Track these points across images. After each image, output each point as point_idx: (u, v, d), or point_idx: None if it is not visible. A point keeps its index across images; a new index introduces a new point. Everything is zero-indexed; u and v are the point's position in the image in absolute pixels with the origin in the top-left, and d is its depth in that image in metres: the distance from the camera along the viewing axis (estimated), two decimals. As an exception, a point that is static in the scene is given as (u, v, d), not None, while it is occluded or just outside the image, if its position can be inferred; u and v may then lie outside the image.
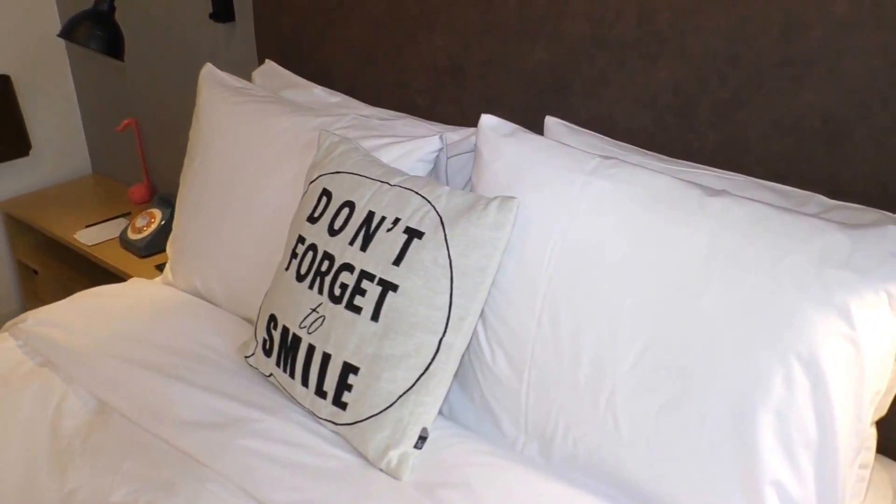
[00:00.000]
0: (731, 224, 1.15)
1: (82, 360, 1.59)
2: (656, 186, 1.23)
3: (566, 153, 1.33)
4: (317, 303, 1.39)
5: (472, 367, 1.39)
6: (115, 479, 1.32)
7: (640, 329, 1.19)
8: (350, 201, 1.41)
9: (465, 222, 1.29)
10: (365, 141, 1.57)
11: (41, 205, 2.76)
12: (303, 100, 1.85)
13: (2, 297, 2.94)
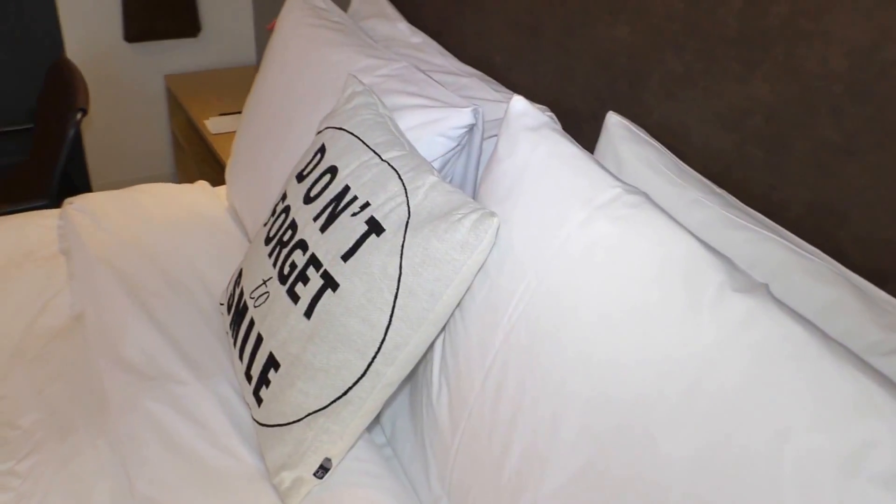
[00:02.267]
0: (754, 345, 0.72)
1: (87, 259, 1.45)
2: (675, 252, 0.81)
3: (583, 171, 0.92)
4: (268, 275, 1.12)
5: (420, 396, 1.08)
6: (37, 400, 1.17)
7: (585, 443, 0.81)
8: (334, 167, 1.11)
9: (430, 232, 0.94)
10: (394, 97, 1.24)
11: (197, 85, 2.67)
12: (384, 32, 1.54)
13: (159, 164, 2.94)
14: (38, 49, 2.58)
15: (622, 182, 0.90)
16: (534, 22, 1.28)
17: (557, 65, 1.26)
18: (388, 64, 1.33)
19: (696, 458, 0.72)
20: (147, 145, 2.90)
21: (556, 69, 1.26)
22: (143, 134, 2.87)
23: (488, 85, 1.35)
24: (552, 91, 1.28)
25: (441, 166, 1.22)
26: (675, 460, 0.73)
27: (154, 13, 2.59)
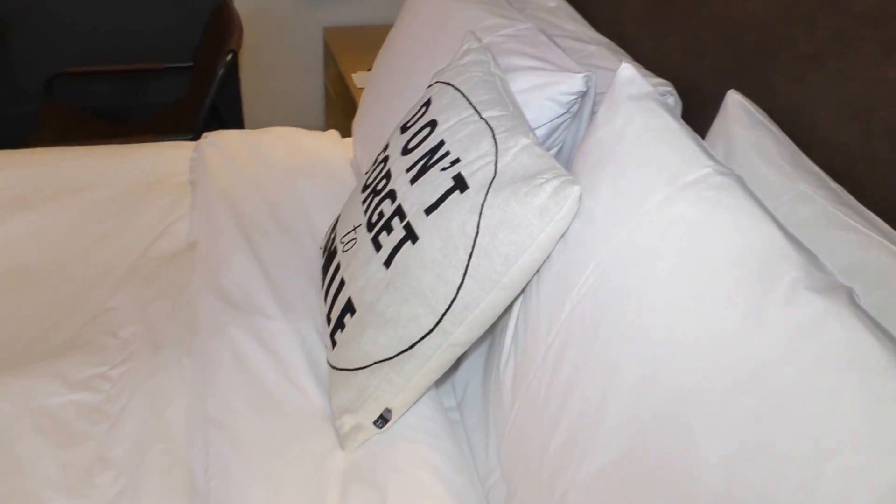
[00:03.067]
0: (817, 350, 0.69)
1: (209, 192, 1.57)
2: (753, 240, 0.78)
3: (676, 147, 0.90)
4: (358, 222, 1.18)
5: (493, 363, 1.10)
6: (139, 314, 1.30)
7: (626, 431, 0.80)
8: (434, 121, 1.14)
9: (511, 194, 0.96)
10: (510, 57, 1.25)
11: (352, 39, 2.79)
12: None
13: (311, 114, 3.10)
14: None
15: (715, 162, 0.88)
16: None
17: (685, 38, 1.22)
18: (513, 24, 1.34)
19: (731, 458, 0.70)
20: (301, 95, 3.07)
21: (684, 43, 1.22)
22: (298, 83, 3.04)
23: (615, 55, 1.33)
24: (678, 66, 1.24)
25: (549, 132, 1.22)
26: (710, 457, 0.71)
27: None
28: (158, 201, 1.59)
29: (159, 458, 1.04)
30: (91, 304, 1.32)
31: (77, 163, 1.70)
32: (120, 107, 2.92)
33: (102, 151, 1.75)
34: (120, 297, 1.34)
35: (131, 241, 1.48)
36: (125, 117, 2.91)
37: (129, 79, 2.87)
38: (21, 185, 1.60)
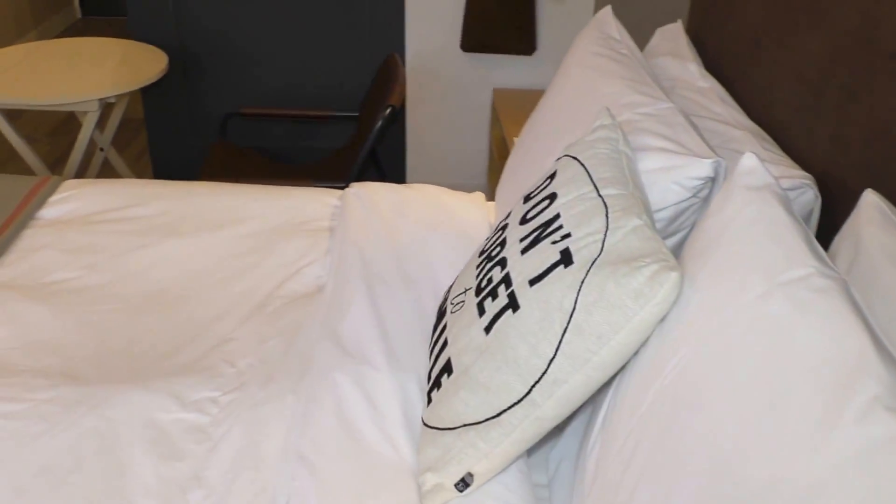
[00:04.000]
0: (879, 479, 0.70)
1: (344, 239, 1.72)
2: (842, 349, 0.80)
3: (785, 242, 0.93)
4: (470, 285, 1.27)
5: (583, 444, 1.15)
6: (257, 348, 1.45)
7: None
8: (555, 194, 1.22)
9: (610, 273, 1.02)
10: (643, 136, 1.32)
11: (521, 102, 2.92)
12: (672, 72, 1.61)
13: (473, 172, 3.26)
14: (382, 44, 3.03)
15: (821, 263, 0.90)
16: (817, 78, 1.28)
17: (833, 131, 1.24)
18: (654, 103, 1.41)
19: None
20: (465, 153, 3.23)
21: (832, 136, 1.24)
22: (463, 141, 3.21)
23: (760, 143, 1.36)
24: (825, 160, 1.26)
25: (674, 215, 1.27)
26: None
27: (493, 28, 2.90)
28: (297, 243, 1.76)
29: (248, 485, 1.16)
30: (217, 332, 1.48)
31: (232, 198, 1.91)
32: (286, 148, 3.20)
33: (257, 190, 1.96)
34: (244, 329, 1.50)
35: (265, 277, 1.65)
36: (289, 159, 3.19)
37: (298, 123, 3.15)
38: (178, 213, 1.83)
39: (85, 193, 1.89)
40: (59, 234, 1.74)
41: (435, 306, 1.54)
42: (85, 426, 1.22)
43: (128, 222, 1.79)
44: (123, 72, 2.68)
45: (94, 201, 1.87)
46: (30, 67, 2.74)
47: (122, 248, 1.69)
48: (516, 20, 2.89)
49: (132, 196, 1.89)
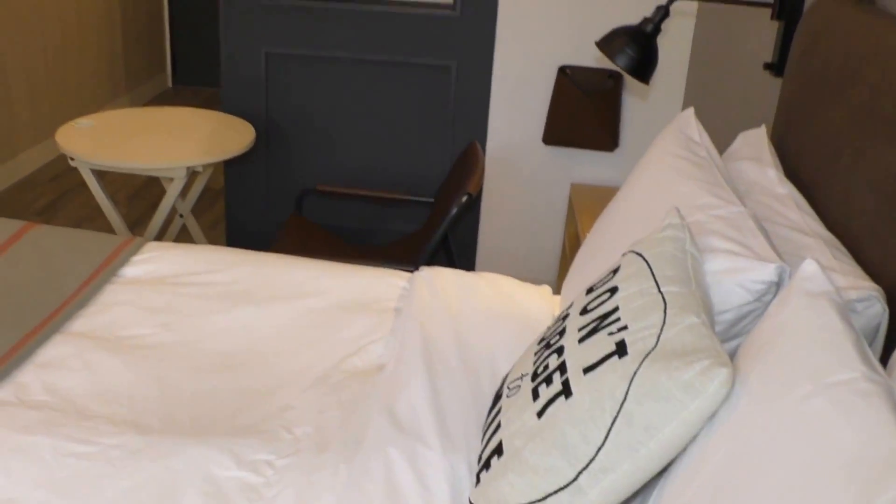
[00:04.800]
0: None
1: (408, 320, 1.84)
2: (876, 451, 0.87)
3: (835, 346, 1.01)
4: (527, 371, 1.37)
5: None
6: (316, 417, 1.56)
7: None
8: (616, 287, 1.32)
9: (663, 366, 1.11)
10: (711, 238, 1.41)
11: (598, 199, 3.04)
12: (750, 176, 1.71)
13: (545, 266, 3.37)
14: (465, 132, 3.21)
15: (869, 368, 0.97)
16: (893, 191, 1.36)
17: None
18: (726, 206, 1.50)
19: None
20: (538, 246, 3.36)
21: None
22: (537, 234, 3.34)
23: (831, 251, 1.43)
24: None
25: (738, 317, 1.35)
26: None
27: (576, 122, 3.05)
28: (363, 321, 1.88)
29: (295, 547, 1.26)
30: (278, 398, 1.60)
31: (304, 272, 2.05)
32: (360, 228, 3.37)
33: (328, 266, 2.10)
34: (304, 398, 1.62)
35: (329, 351, 1.77)
36: (362, 239, 3.36)
37: (374, 204, 3.32)
38: (252, 282, 1.98)
39: (165, 256, 2.07)
40: (138, 292, 1.90)
41: (492, 391, 1.63)
42: (146, 473, 1.35)
43: (202, 287, 1.95)
44: (212, 142, 2.90)
45: (173, 264, 2.04)
46: (124, 132, 2.99)
47: (195, 310, 1.85)
48: (601, 116, 3.04)
49: (208, 262, 2.06)
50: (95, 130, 2.99)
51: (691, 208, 1.53)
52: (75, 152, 2.76)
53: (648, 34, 2.08)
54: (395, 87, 3.24)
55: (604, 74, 3.03)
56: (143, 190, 4.46)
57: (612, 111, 3.04)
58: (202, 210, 4.19)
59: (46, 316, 1.80)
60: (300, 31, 3.20)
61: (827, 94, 1.70)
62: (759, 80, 2.32)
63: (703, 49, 2.90)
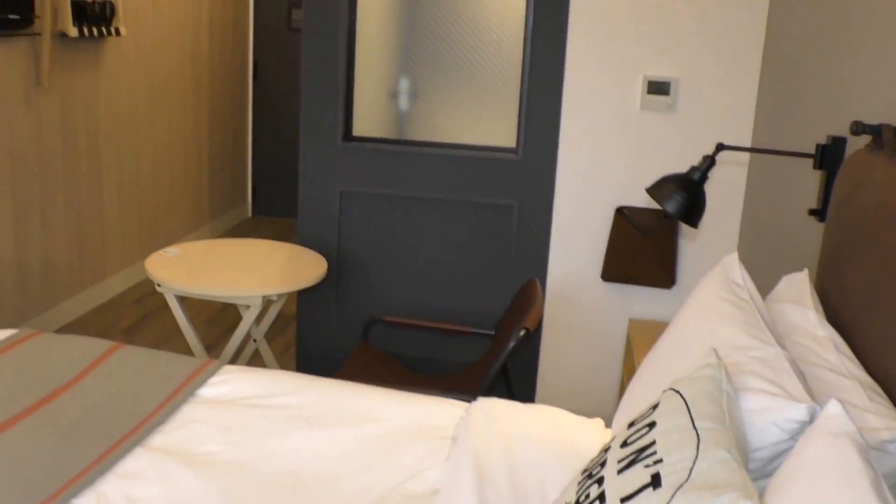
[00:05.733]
0: None
1: (462, 448, 1.92)
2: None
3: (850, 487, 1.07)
4: (570, 500, 1.44)
5: None
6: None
7: None
8: (654, 422, 1.40)
9: (694, 499, 1.18)
10: (747, 377, 1.49)
11: (655, 334, 3.11)
12: (791, 319, 1.79)
13: (603, 400, 3.41)
14: (525, 268, 3.34)
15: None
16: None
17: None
18: (764, 347, 1.58)
19: None
20: (595, 380, 3.42)
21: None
22: (594, 368, 3.40)
23: (867, 393, 1.49)
24: None
25: (772, 455, 1.41)
26: None
27: (634, 260, 3.16)
28: (420, 447, 1.97)
29: None
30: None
31: (367, 399, 2.17)
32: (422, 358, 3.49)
33: (391, 394, 2.21)
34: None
35: (387, 475, 1.86)
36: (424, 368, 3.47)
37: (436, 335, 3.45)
38: (318, 406, 2.09)
39: (239, 378, 2.20)
40: (213, 412, 2.03)
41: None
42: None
43: (272, 409, 2.07)
44: (287, 273, 3.08)
45: (247, 386, 2.17)
46: (207, 260, 3.20)
47: (264, 431, 1.96)
48: (657, 254, 3.14)
49: (278, 386, 2.19)
50: (180, 259, 3.21)
51: (730, 348, 1.61)
52: (162, 279, 2.97)
53: (696, 181, 2.21)
54: (460, 224, 3.42)
55: (659, 215, 3.16)
56: (221, 314, 4.67)
57: (668, 250, 3.15)
58: (275, 334, 4.37)
59: (129, 430, 1.94)
60: (372, 171, 3.42)
61: (864, 240, 1.79)
62: (805, 225, 2.41)
63: (755, 194, 3.01)
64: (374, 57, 3.43)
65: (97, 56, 4.55)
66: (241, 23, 6.41)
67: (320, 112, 3.43)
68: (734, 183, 3.14)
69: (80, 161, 4.48)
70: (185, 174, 5.69)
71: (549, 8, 3.15)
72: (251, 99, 6.65)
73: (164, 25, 5.23)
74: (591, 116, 3.18)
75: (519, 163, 3.29)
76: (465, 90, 3.37)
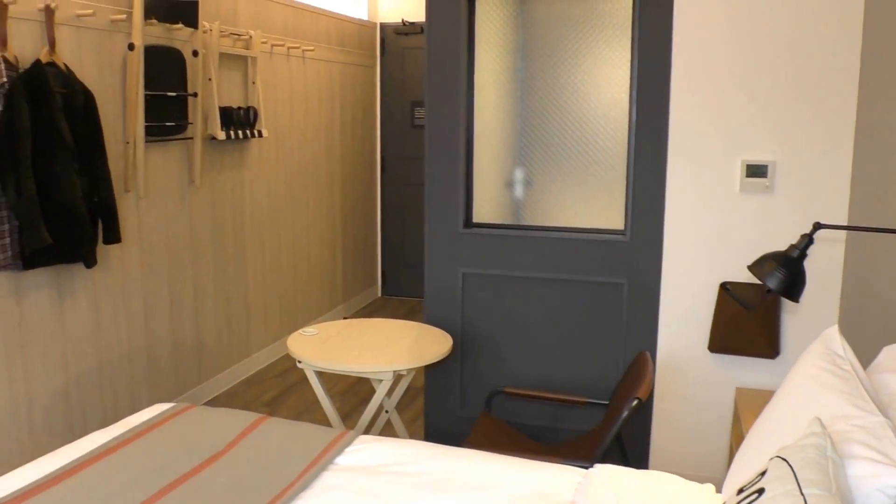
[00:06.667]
0: None
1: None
2: None
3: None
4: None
5: None
6: None
7: None
8: (762, 489, 1.41)
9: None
10: (852, 445, 1.48)
11: (763, 403, 3.05)
12: (892, 387, 1.77)
13: (712, 465, 3.35)
14: (635, 342, 3.35)
15: None
16: None
17: None
18: (866, 416, 1.57)
19: None
20: (706, 446, 3.36)
21: None
22: (704, 435, 3.35)
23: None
24: None
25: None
26: None
27: (739, 332, 3.13)
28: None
29: None
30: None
31: (491, 465, 2.22)
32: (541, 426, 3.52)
33: (513, 461, 2.26)
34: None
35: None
36: (543, 436, 3.50)
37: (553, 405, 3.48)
38: (446, 473, 2.16)
39: (374, 448, 2.30)
40: (350, 479, 2.12)
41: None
42: None
43: (405, 476, 2.15)
44: (415, 349, 3.19)
45: (381, 455, 2.26)
46: (342, 338, 3.35)
47: (398, 496, 2.04)
48: (761, 327, 3.10)
49: (410, 454, 2.27)
50: (318, 338, 3.37)
51: (834, 418, 1.61)
52: (302, 356, 3.12)
53: (795, 259, 2.21)
54: (574, 301, 3.47)
55: (762, 289, 3.13)
56: (355, 386, 4.82)
57: (771, 323, 3.10)
58: (404, 406, 4.47)
59: (273, 497, 2.04)
60: (491, 254, 3.53)
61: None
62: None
63: (853, 268, 2.96)
64: (491, 150, 3.57)
65: (242, 156, 4.87)
66: (369, 122, 6.72)
67: (443, 202, 3.58)
68: (833, 257, 3.10)
69: (226, 250, 4.76)
70: (321, 259, 5.95)
71: (651, 102, 3.23)
72: (379, 190, 6.92)
73: (300, 127, 5.56)
74: (694, 199, 3.21)
75: (628, 244, 3.34)
76: (576, 177, 3.46)
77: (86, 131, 3.43)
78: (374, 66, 6.77)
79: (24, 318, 3.32)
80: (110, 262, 3.80)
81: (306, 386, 4.82)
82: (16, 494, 1.99)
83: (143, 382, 4.08)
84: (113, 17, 3.68)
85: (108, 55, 3.70)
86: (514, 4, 3.47)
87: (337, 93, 6.09)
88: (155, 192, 4.10)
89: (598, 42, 3.37)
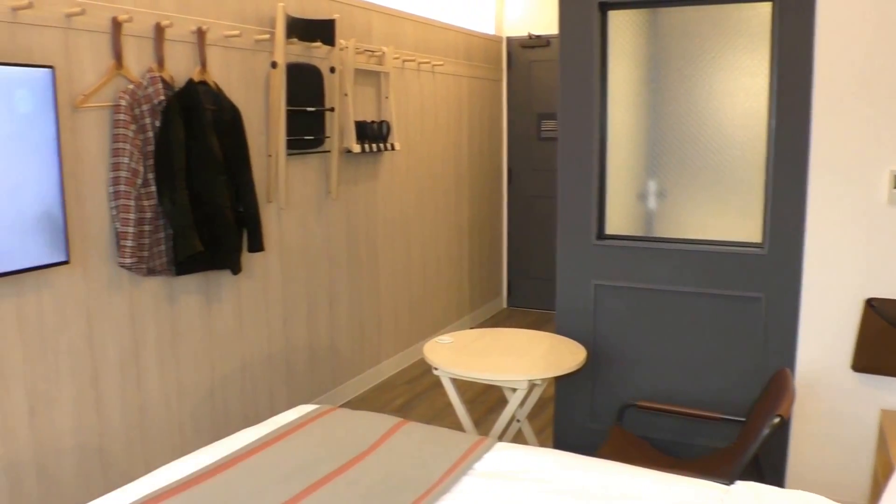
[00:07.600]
0: None
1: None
2: None
3: None
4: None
5: None
6: None
7: None
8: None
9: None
10: None
11: None
12: None
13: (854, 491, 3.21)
14: (774, 358, 3.25)
15: None
16: None
17: None
18: None
19: None
20: (848, 466, 3.22)
21: None
22: (846, 457, 3.21)
23: None
24: None
25: None
26: None
27: (885, 351, 2.99)
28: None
29: None
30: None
31: (628, 477, 2.22)
32: (673, 441, 3.46)
33: (649, 474, 2.25)
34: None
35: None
36: (675, 451, 3.44)
37: (686, 420, 3.42)
38: (580, 482, 2.17)
39: (512, 454, 2.33)
40: (489, 484, 2.17)
41: None
42: None
43: (544, 483, 2.18)
44: (549, 359, 3.21)
45: (519, 461, 2.30)
46: (477, 347, 3.40)
47: (536, 503, 2.06)
48: None
49: (547, 462, 2.29)
50: (453, 346, 3.43)
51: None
52: (438, 363, 3.18)
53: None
54: (709, 315, 3.40)
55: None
56: (483, 395, 4.87)
57: None
58: (533, 415, 4.48)
59: (417, 497, 2.10)
60: (624, 266, 3.51)
61: None
62: None
63: None
64: (624, 161, 3.55)
65: (375, 168, 5.01)
66: (496, 134, 6.78)
67: (575, 213, 3.58)
68: None
69: (360, 259, 4.90)
70: (448, 270, 6.04)
71: (791, 111, 3.14)
72: (506, 201, 6.97)
73: (430, 140, 5.67)
74: (838, 211, 3.10)
75: (765, 257, 3.25)
76: (710, 189, 3.40)
77: (233, 145, 3.62)
78: (501, 80, 6.83)
79: (176, 320, 3.53)
80: (254, 270, 3.99)
81: (434, 394, 4.90)
82: (176, 485, 2.13)
83: (282, 385, 4.25)
84: (257, 38, 3.87)
85: (253, 73, 3.90)
86: (647, 14, 3.45)
87: (465, 106, 6.18)
88: (294, 203, 4.27)
89: (733, 50, 3.31)
